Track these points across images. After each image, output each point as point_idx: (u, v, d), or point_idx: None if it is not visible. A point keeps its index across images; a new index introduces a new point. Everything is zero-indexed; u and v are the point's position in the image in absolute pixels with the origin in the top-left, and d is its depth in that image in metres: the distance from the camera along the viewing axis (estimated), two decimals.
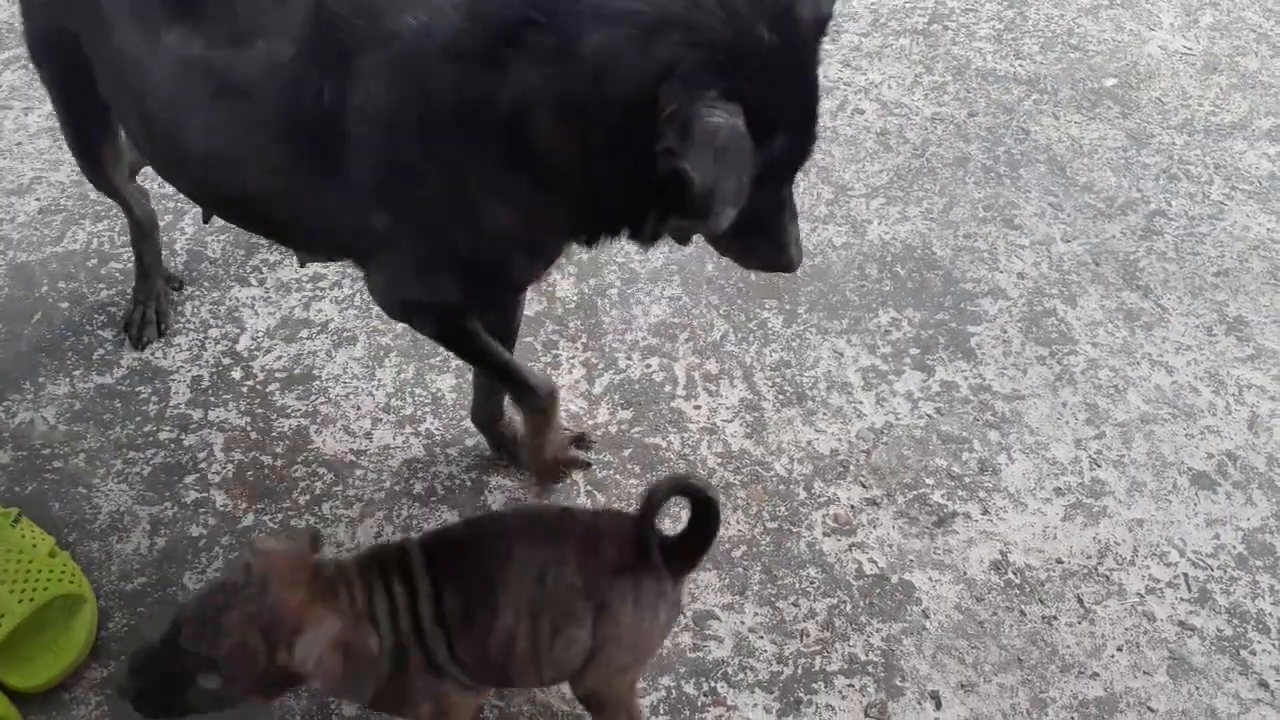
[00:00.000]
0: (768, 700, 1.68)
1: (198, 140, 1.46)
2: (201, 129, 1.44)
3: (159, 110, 1.48)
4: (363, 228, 1.43)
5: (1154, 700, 1.70)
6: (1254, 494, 1.98)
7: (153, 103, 1.48)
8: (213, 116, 1.42)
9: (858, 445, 2.05)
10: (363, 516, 1.90)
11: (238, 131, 1.41)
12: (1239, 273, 2.39)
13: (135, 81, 1.49)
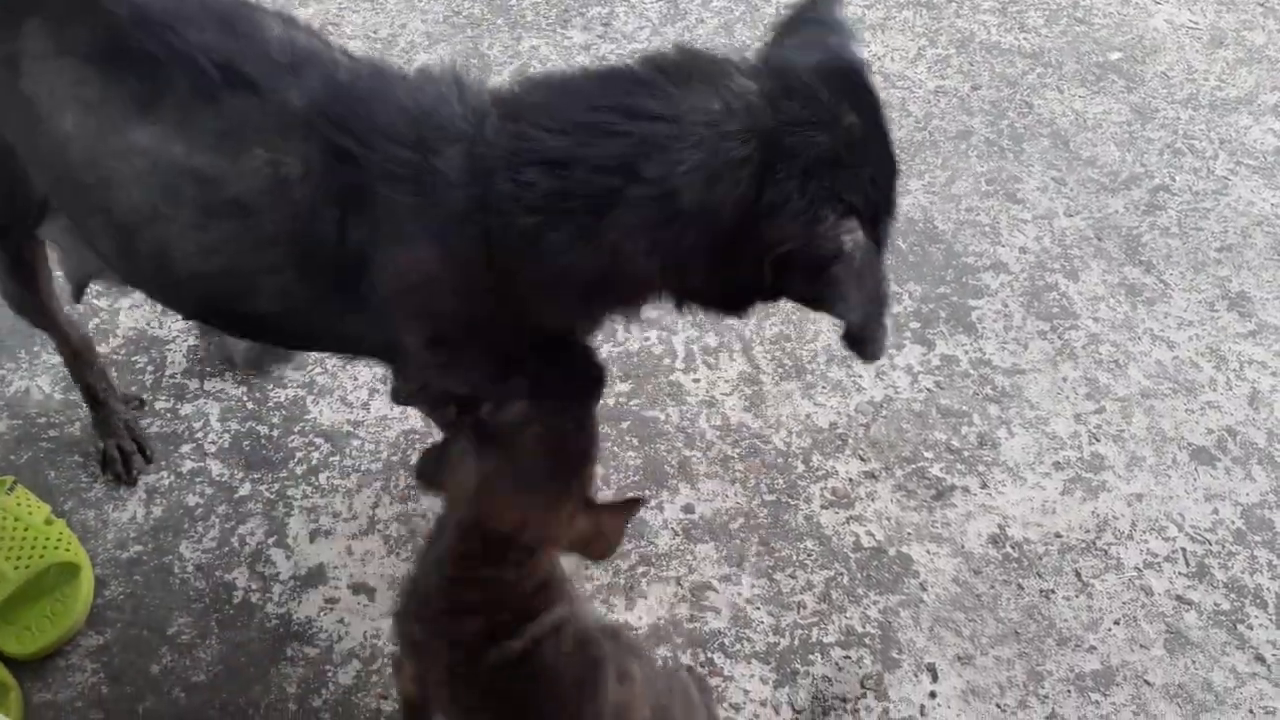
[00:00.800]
0: (764, 671, 1.68)
1: (191, 260, 1.25)
2: (196, 248, 1.23)
3: (136, 222, 1.24)
4: (392, 346, 1.32)
5: (1151, 674, 1.70)
6: (1254, 469, 1.97)
7: (126, 213, 1.24)
8: (209, 235, 1.22)
9: (857, 419, 2.04)
10: (359, 487, 1.89)
11: (242, 253, 1.23)
12: (1242, 248, 2.37)
13: (96, 186, 1.24)
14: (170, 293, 1.39)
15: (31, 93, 1.22)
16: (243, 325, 1.44)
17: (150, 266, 1.30)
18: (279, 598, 1.74)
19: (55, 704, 1.62)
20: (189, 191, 1.19)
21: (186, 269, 1.25)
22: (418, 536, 1.82)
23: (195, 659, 1.67)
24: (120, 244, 1.29)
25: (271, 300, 1.26)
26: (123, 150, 1.19)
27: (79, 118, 1.21)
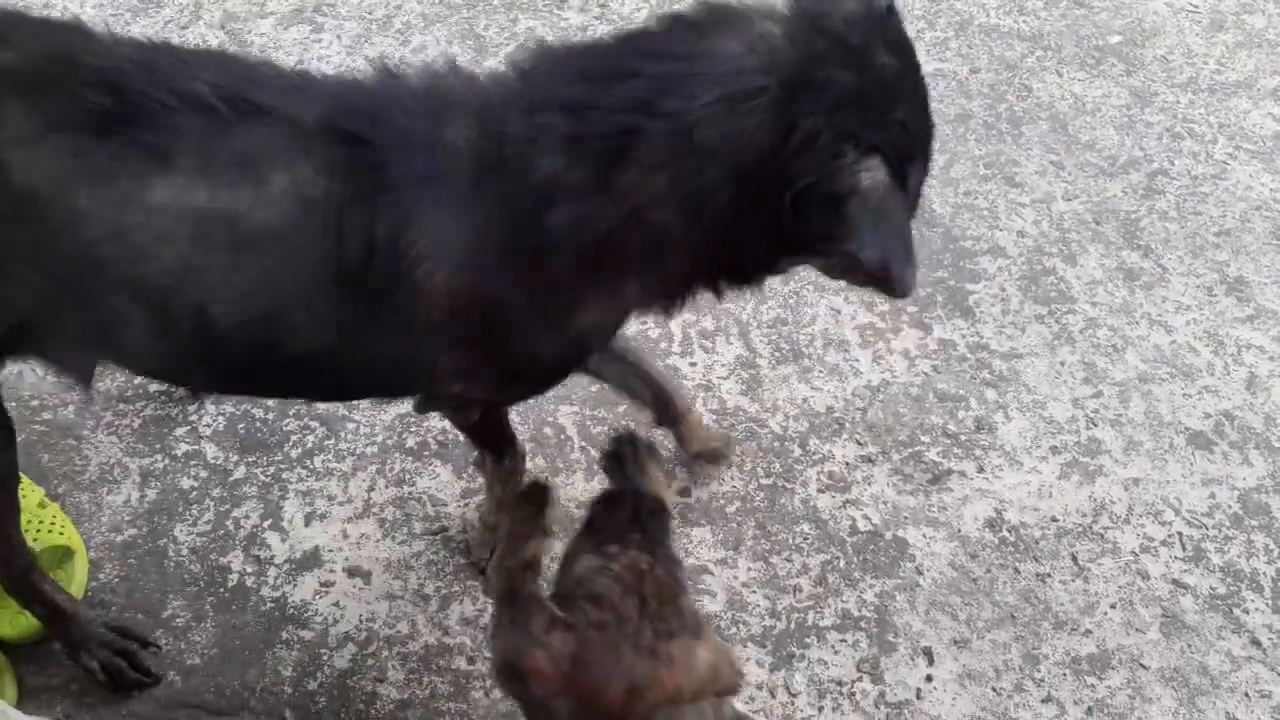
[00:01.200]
0: (760, 654, 1.67)
1: (231, 310, 1.17)
2: (235, 294, 1.17)
3: (169, 286, 1.16)
4: (429, 368, 1.29)
5: (1146, 657, 1.71)
6: (1250, 454, 1.97)
7: (158, 279, 1.15)
8: (246, 275, 1.16)
9: (854, 403, 2.03)
10: (355, 470, 1.89)
11: (280, 287, 1.18)
12: (1240, 233, 2.36)
13: (122, 260, 1.15)
14: (208, 360, 1.28)
15: (26, 184, 1.12)
16: (281, 379, 1.36)
17: (188, 331, 1.20)
18: (274, 581, 1.74)
19: (50, 687, 1.62)
20: (219, 235, 1.14)
21: (226, 322, 1.18)
22: (413, 520, 1.82)
23: (190, 642, 1.67)
24: (152, 319, 1.20)
25: (312, 335, 1.21)
26: (146, 211, 1.12)
27: (91, 191, 1.12)
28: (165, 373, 1.39)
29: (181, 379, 1.43)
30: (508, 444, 1.66)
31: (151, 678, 1.61)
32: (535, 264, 1.18)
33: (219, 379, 1.38)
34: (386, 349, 1.23)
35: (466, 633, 1.69)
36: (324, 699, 1.61)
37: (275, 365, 1.27)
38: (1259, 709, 1.66)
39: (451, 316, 1.20)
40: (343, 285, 1.17)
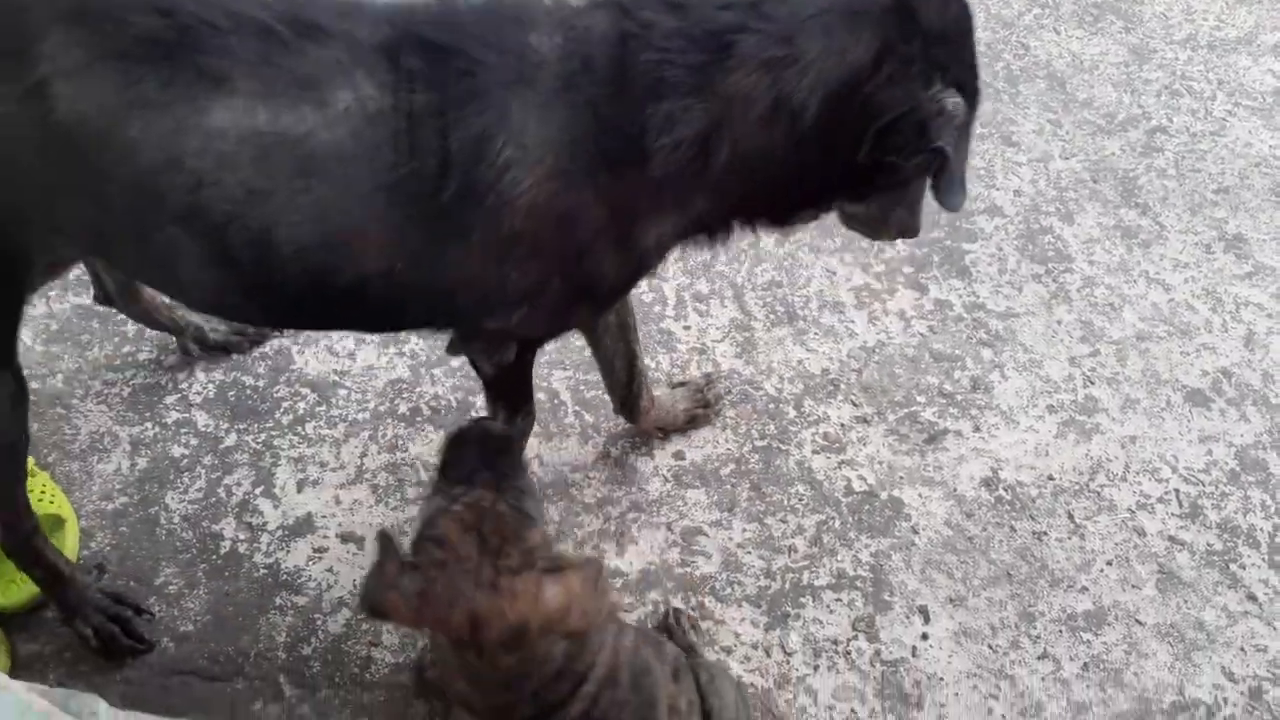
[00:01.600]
0: (755, 614, 1.67)
1: (297, 233, 1.15)
2: (300, 217, 1.14)
3: (231, 213, 1.13)
4: (491, 287, 1.25)
5: (1142, 613, 1.70)
6: (1248, 410, 1.96)
7: (219, 206, 1.13)
8: (311, 197, 1.14)
9: (849, 364, 2.02)
10: (347, 437, 1.87)
11: (347, 208, 1.15)
12: (1239, 189, 2.34)
13: (179, 189, 1.12)
14: (265, 290, 1.24)
15: (74, 115, 1.09)
16: (338, 307, 1.30)
17: (250, 259, 1.17)
18: (267, 547, 1.73)
19: (43, 655, 1.61)
20: (282, 158, 1.11)
21: (291, 247, 1.15)
22: (406, 486, 1.81)
23: (183, 609, 1.66)
24: (211, 248, 1.17)
25: (377, 257, 1.18)
26: (205, 136, 1.10)
27: (146, 119, 1.09)
28: (218, 304, 1.35)
29: (235, 310, 1.40)
30: (526, 400, 1.62)
31: (145, 644, 1.61)
32: (623, 169, 1.17)
33: (274, 309, 1.34)
34: (453, 269, 1.21)
35: None
36: (318, 664, 1.61)
37: (335, 292, 1.23)
38: (1254, 663, 1.65)
39: (530, 227, 1.18)
40: (412, 202, 1.15)
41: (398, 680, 1.59)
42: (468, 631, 1.05)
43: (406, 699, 1.58)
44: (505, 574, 1.05)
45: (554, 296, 1.29)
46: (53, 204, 1.19)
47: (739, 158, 1.18)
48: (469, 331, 1.42)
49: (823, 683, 1.60)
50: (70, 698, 1.08)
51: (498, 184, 1.14)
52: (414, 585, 1.06)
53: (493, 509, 1.11)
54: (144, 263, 1.27)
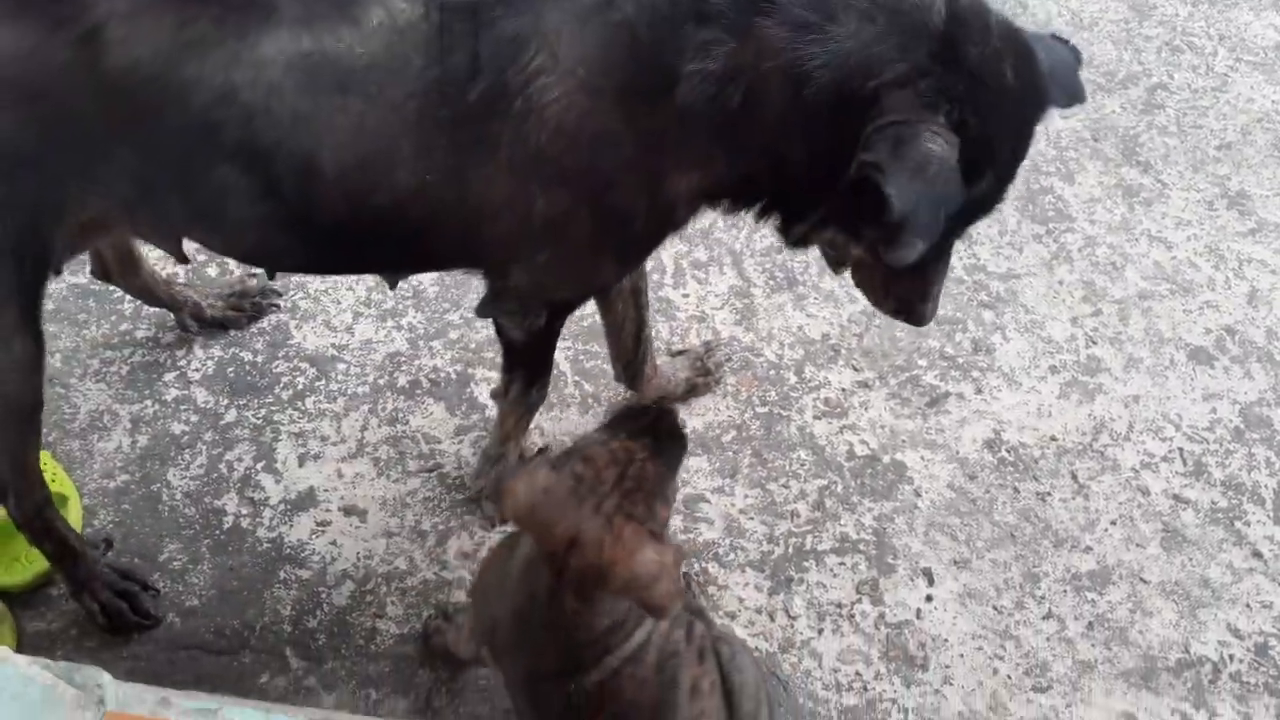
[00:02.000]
0: (759, 579, 1.67)
1: (340, 154, 1.18)
2: (342, 137, 1.17)
3: (278, 140, 1.16)
4: (518, 218, 1.24)
5: (1146, 571, 1.70)
6: (1252, 367, 1.95)
7: (268, 135, 1.16)
8: (350, 116, 1.16)
9: (849, 329, 2.01)
10: (347, 411, 1.87)
11: (383, 122, 1.16)
12: (1242, 146, 2.32)
13: (231, 124, 1.15)
14: (310, 220, 1.25)
15: (127, 61, 1.11)
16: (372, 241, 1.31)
17: (294, 188, 1.20)
18: (270, 522, 1.73)
19: (50, 633, 1.61)
20: (323, 80, 1.14)
21: (333, 169, 1.18)
22: (407, 459, 1.81)
23: (188, 584, 1.66)
24: (260, 182, 1.19)
25: (411, 169, 1.19)
26: (256, 68, 1.12)
27: (201, 58, 1.11)
28: (260, 244, 1.34)
29: (275, 250, 1.38)
30: (545, 372, 1.61)
31: (152, 620, 1.61)
32: (653, 96, 1.15)
33: (313, 243, 1.33)
34: (481, 188, 1.21)
35: (465, 566, 1.69)
36: (324, 636, 1.61)
37: (371, 218, 1.24)
38: (1260, 619, 1.65)
39: (559, 146, 1.17)
40: (440, 104, 1.15)
41: (403, 651, 1.60)
42: (563, 548, 1.09)
43: (412, 669, 1.58)
44: (624, 516, 1.09)
45: (580, 236, 1.27)
46: (95, 154, 1.20)
47: (748, 108, 1.16)
48: (499, 286, 1.41)
49: (827, 646, 1.61)
50: (74, 671, 1.08)
51: (527, 89, 1.14)
52: (543, 481, 1.11)
53: (643, 462, 1.15)
54: (189, 209, 1.28)
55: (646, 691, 1.21)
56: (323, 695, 1.56)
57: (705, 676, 1.30)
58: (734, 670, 1.35)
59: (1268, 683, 1.60)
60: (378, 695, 1.56)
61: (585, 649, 1.18)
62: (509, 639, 1.24)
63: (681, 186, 1.24)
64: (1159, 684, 1.59)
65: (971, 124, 1.09)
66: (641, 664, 1.21)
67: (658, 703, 1.22)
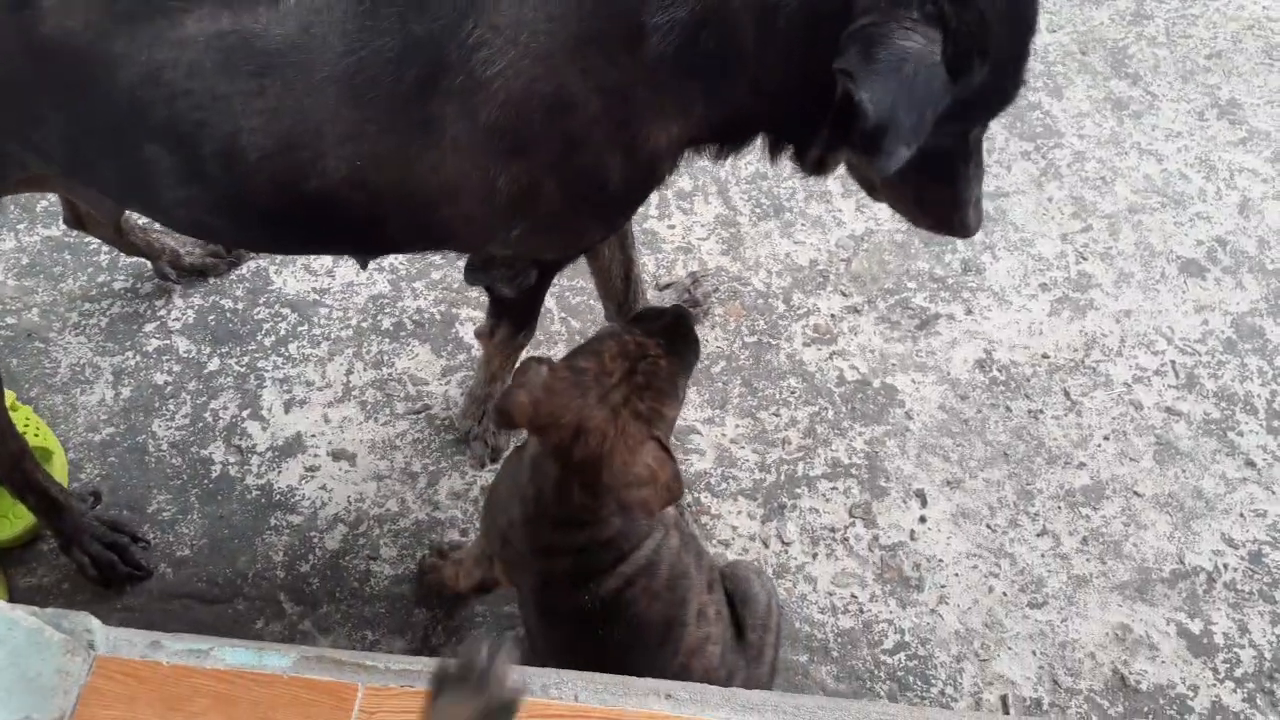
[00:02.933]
0: (751, 507, 1.66)
1: (257, 138, 1.12)
2: (259, 120, 1.12)
3: (200, 120, 1.12)
4: (478, 199, 1.18)
5: (1140, 485, 1.70)
6: (1244, 278, 1.93)
7: (189, 114, 1.12)
8: (268, 98, 1.11)
9: (837, 254, 1.98)
10: (331, 355, 1.85)
11: (302, 105, 1.11)
12: (1232, 54, 2.27)
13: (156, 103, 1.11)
14: (242, 203, 1.21)
15: (61, 30, 1.09)
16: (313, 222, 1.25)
17: (220, 170, 1.15)
18: (258, 469, 1.72)
19: (41, 587, 1.61)
20: (240, 60, 1.09)
21: (255, 153, 1.13)
22: (394, 401, 1.79)
23: (178, 534, 1.66)
24: (186, 163, 1.16)
25: (337, 157, 1.13)
26: (179, 47, 1.09)
27: (130, 33, 1.09)
28: (199, 224, 1.31)
29: (216, 231, 1.37)
30: (532, 318, 1.59)
31: (143, 571, 1.61)
32: (616, 51, 1.08)
33: (251, 227, 1.29)
34: (428, 173, 1.15)
35: (456, 506, 1.68)
36: (317, 580, 1.61)
37: (305, 205, 1.19)
38: (1254, 528, 1.65)
39: (511, 118, 1.10)
40: (366, 91, 1.10)
41: (398, 591, 1.60)
42: (569, 437, 1.11)
43: (408, 609, 1.58)
44: (629, 410, 1.11)
45: (551, 207, 1.20)
46: (32, 120, 1.17)
47: (724, 51, 1.09)
48: (483, 258, 1.36)
49: (822, 570, 1.61)
50: (62, 617, 1.08)
51: (469, 63, 1.07)
52: (544, 378, 1.14)
53: (656, 357, 1.15)
54: (124, 182, 1.24)
55: (657, 607, 1.23)
56: (319, 639, 1.56)
57: (712, 604, 1.31)
58: (740, 602, 1.38)
59: (1262, 590, 1.60)
60: (374, 636, 1.56)
61: (597, 553, 1.19)
62: (521, 545, 1.24)
63: (662, 140, 1.17)
64: (1154, 595, 1.59)
65: (950, 13, 1.01)
66: (655, 577, 1.22)
67: (668, 620, 1.24)
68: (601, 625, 1.22)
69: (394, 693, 1.09)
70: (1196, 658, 1.54)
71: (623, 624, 1.22)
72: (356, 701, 1.07)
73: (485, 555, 1.39)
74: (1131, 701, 1.50)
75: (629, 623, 1.22)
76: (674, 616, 1.25)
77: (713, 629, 1.29)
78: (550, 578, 1.24)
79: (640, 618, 1.22)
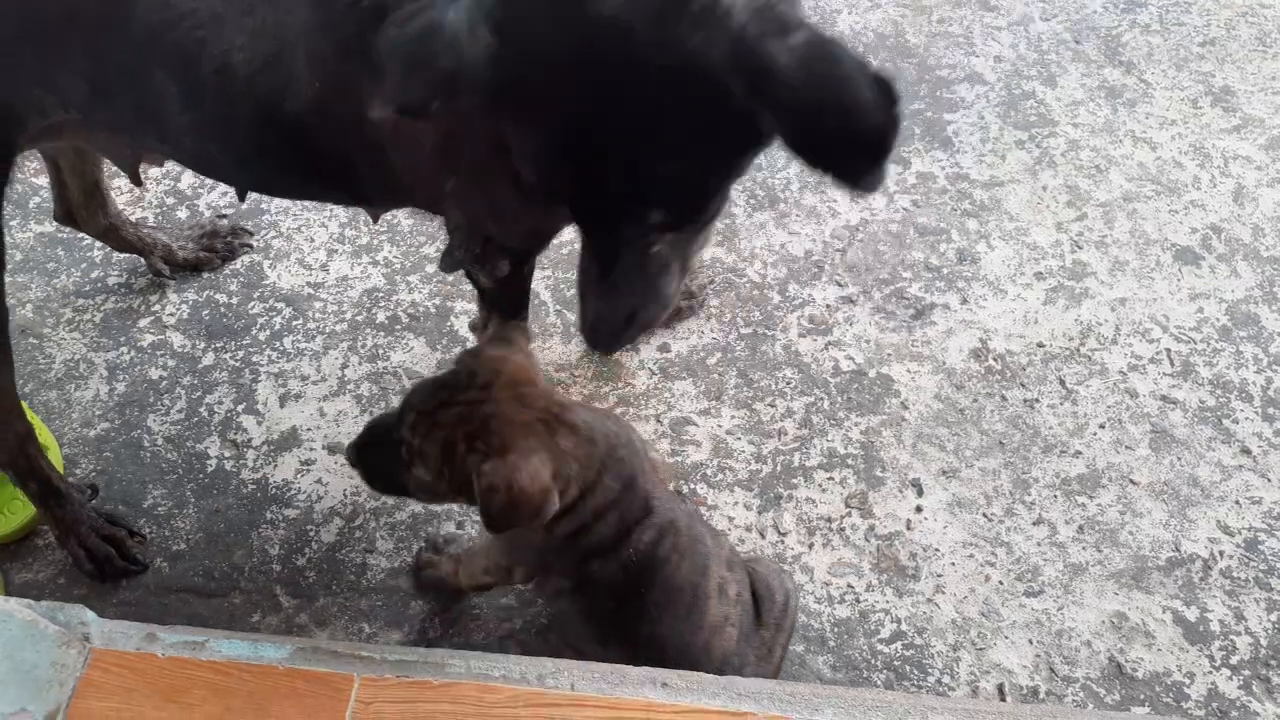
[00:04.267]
0: (748, 498, 1.66)
1: (245, 55, 1.13)
2: (247, 37, 1.13)
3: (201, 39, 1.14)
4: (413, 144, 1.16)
5: (1136, 473, 1.70)
6: (1238, 265, 1.93)
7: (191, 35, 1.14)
8: (255, 18, 1.13)
9: (832, 245, 1.98)
10: (326, 349, 1.84)
11: (280, 25, 1.12)
12: (1226, 41, 2.27)
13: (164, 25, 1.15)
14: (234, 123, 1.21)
15: None
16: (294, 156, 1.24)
17: (214, 87, 1.16)
18: (253, 463, 1.72)
19: (37, 583, 1.61)
20: None
21: (243, 68, 1.13)
22: (390, 394, 1.79)
23: (174, 529, 1.65)
24: (189, 83, 1.17)
25: (309, 79, 1.12)
26: None
27: None
28: (203, 155, 1.32)
29: (216, 163, 1.35)
30: (521, 309, 1.56)
31: (138, 565, 1.61)
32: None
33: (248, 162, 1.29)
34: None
35: None
36: (314, 573, 1.61)
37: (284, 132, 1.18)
38: (1250, 515, 1.65)
39: None
40: (330, 13, 1.08)
41: (395, 584, 1.59)
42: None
43: (404, 602, 1.58)
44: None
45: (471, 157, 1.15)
46: (54, 58, 1.19)
47: None
48: (450, 231, 1.34)
49: (818, 559, 1.61)
50: (57, 610, 1.07)
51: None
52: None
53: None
54: (138, 115, 1.25)
55: (685, 568, 1.28)
56: (315, 632, 1.56)
57: (733, 583, 1.34)
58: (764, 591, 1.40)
59: (1258, 577, 1.60)
60: (371, 629, 1.56)
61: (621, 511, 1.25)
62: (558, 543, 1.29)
63: None
64: (1150, 583, 1.60)
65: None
66: (680, 534, 1.28)
67: (694, 587, 1.28)
68: (641, 585, 1.26)
69: (390, 683, 1.08)
70: (1192, 645, 1.54)
71: (658, 585, 1.26)
72: (353, 692, 1.07)
73: (503, 568, 1.41)
74: (1128, 689, 1.50)
75: (663, 584, 1.26)
76: (698, 585, 1.29)
77: (732, 610, 1.32)
78: (591, 549, 1.27)
79: (671, 580, 1.27)
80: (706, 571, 1.30)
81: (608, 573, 1.27)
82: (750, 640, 1.35)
